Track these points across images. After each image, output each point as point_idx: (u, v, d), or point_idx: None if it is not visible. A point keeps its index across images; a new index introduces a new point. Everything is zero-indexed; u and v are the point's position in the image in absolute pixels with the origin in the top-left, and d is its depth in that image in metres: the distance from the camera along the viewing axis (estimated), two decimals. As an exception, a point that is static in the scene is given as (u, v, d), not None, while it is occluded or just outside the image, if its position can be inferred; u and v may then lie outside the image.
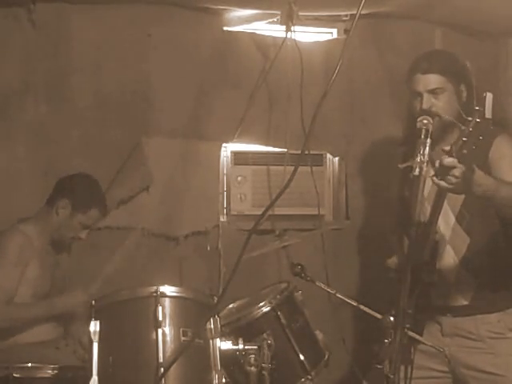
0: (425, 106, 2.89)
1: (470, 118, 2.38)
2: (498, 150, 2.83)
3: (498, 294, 2.93)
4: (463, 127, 2.39)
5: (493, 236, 2.92)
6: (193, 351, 2.47)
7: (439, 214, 2.67)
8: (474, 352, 2.94)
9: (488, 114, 2.35)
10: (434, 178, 2.43)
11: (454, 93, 2.92)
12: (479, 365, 2.93)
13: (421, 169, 2.42)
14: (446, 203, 2.76)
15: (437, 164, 2.41)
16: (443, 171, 2.39)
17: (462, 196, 2.82)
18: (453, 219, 2.93)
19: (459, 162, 2.37)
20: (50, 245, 3.57)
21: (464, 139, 2.37)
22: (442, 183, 2.41)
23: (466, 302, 2.95)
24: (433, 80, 2.91)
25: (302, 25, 4.06)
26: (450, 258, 2.95)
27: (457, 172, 2.38)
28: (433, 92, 2.91)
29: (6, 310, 3.32)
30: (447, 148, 2.41)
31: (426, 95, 2.91)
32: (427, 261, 2.72)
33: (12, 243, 3.40)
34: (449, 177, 2.39)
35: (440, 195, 2.59)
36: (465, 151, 2.36)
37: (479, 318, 2.93)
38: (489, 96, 2.36)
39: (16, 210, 3.77)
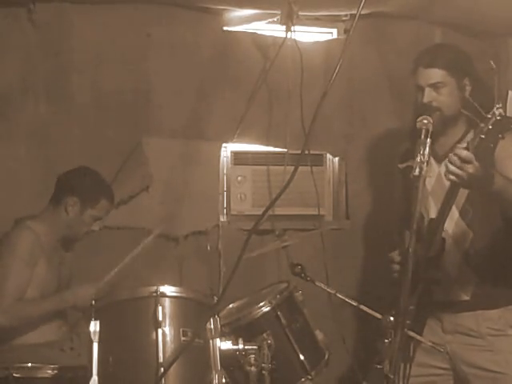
0: (425, 100, 2.91)
1: (489, 116, 2.37)
2: (504, 148, 2.83)
3: (499, 289, 2.94)
4: (482, 124, 2.39)
5: (495, 232, 2.93)
6: (193, 351, 2.47)
7: (449, 212, 2.67)
8: (475, 349, 2.95)
9: (510, 112, 2.35)
10: (447, 174, 2.42)
11: (457, 87, 2.93)
12: (479, 362, 2.94)
13: (421, 169, 2.43)
14: None
15: (452, 156, 2.40)
16: (457, 164, 2.39)
17: (466, 191, 2.82)
18: (456, 214, 2.93)
19: (476, 158, 2.37)
20: (60, 242, 3.56)
21: (482, 136, 2.36)
22: (453, 177, 2.41)
23: (467, 298, 2.96)
24: (434, 74, 2.92)
25: (302, 25, 4.06)
26: (452, 252, 2.95)
27: (471, 169, 2.38)
28: (434, 86, 2.92)
29: (17, 307, 3.30)
30: (464, 145, 2.41)
31: (427, 89, 2.92)
32: (433, 257, 2.72)
33: (24, 240, 3.37)
34: (461, 172, 2.39)
35: (453, 190, 2.59)
36: (482, 149, 2.35)
37: (480, 315, 2.94)
38: (510, 94, 2.36)
39: (16, 210, 3.77)
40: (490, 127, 2.36)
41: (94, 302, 2.56)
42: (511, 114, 2.40)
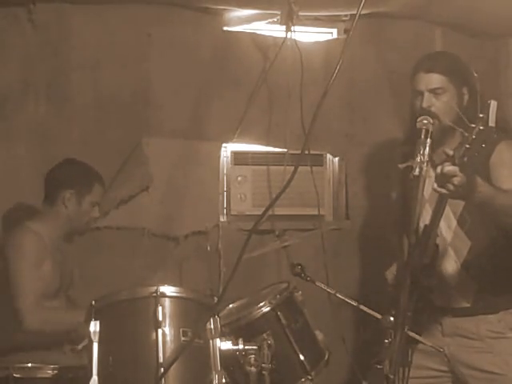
0: (425, 105, 2.89)
1: (473, 125, 2.38)
2: (499, 156, 2.83)
3: (499, 296, 2.94)
4: (466, 134, 2.39)
5: (493, 240, 2.92)
6: (193, 351, 2.46)
7: (440, 217, 2.67)
8: (474, 351, 2.95)
9: (491, 122, 2.35)
10: (435, 185, 2.43)
11: (456, 95, 2.92)
12: (478, 364, 2.94)
13: (421, 169, 2.43)
14: (448, 207, 2.76)
15: (438, 170, 2.41)
16: (443, 178, 2.40)
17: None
18: (454, 222, 2.94)
19: (460, 168, 2.37)
20: (63, 238, 3.57)
21: (467, 146, 2.37)
22: (442, 190, 2.42)
23: (467, 305, 2.96)
24: (435, 79, 2.92)
25: (302, 25, 4.06)
26: (451, 261, 2.96)
27: (456, 181, 2.38)
28: (434, 91, 2.91)
29: (45, 311, 3.32)
30: (450, 152, 2.41)
31: (426, 94, 2.91)
32: (427, 264, 2.72)
33: (29, 242, 3.38)
34: (448, 184, 2.40)
35: (441, 200, 2.60)
36: (466, 158, 2.36)
37: (480, 318, 2.94)
38: (493, 104, 2.36)
39: (16, 210, 3.77)
40: (474, 137, 2.36)
41: (94, 302, 2.56)
42: (494, 123, 2.39)
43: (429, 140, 2.53)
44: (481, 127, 2.35)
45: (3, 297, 3.35)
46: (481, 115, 2.37)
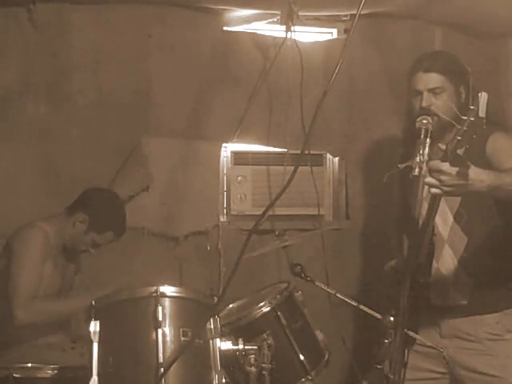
0: (424, 104, 2.89)
1: (464, 117, 2.38)
2: (493, 144, 2.84)
3: (497, 293, 2.94)
4: (458, 126, 2.40)
5: (490, 235, 2.92)
6: (193, 351, 2.47)
7: (434, 216, 2.67)
8: (472, 353, 2.95)
9: (482, 113, 2.35)
10: (429, 183, 2.43)
11: (454, 93, 2.93)
12: (477, 366, 2.93)
13: (420, 169, 2.42)
14: (444, 203, 2.77)
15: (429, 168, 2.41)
16: (433, 176, 2.40)
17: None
18: (451, 218, 2.94)
19: (453, 161, 2.36)
20: (62, 251, 3.57)
21: (458, 138, 2.37)
22: (434, 190, 2.41)
23: (464, 302, 2.95)
24: (434, 79, 2.92)
25: (302, 25, 4.06)
26: (448, 257, 2.96)
27: (443, 176, 2.38)
28: (433, 91, 2.91)
29: (37, 303, 3.31)
30: (443, 147, 2.41)
31: (426, 94, 2.91)
32: (423, 263, 2.72)
33: (35, 239, 3.38)
34: (439, 183, 2.39)
35: (434, 198, 2.60)
36: (459, 150, 2.36)
37: (478, 320, 2.94)
38: (483, 95, 2.36)
39: (16, 210, 3.77)
40: (465, 129, 2.37)
41: (93, 302, 2.57)
42: (484, 114, 2.39)
43: (428, 140, 2.54)
44: (471, 118, 2.35)
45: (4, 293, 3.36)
46: (472, 107, 2.37)
